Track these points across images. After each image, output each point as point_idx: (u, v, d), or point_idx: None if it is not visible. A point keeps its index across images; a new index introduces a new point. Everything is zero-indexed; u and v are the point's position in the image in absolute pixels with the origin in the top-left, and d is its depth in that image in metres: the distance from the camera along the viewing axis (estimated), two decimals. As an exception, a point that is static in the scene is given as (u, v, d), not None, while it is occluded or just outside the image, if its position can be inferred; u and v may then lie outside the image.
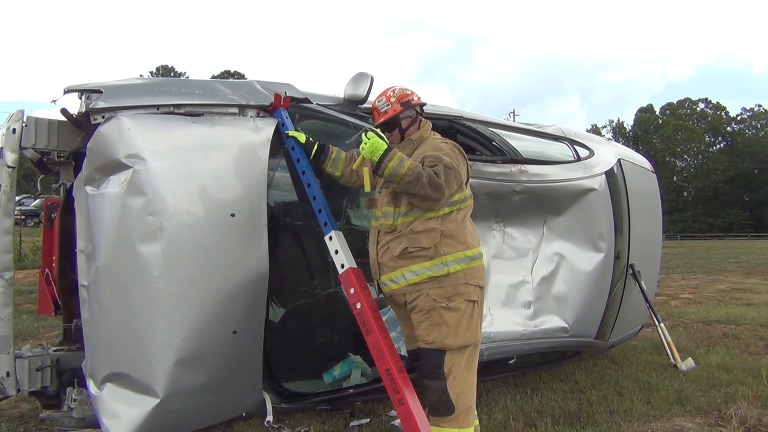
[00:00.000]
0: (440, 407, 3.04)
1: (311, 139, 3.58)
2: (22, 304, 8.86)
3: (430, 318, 3.10)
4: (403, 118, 3.38)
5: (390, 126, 3.41)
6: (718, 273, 16.60)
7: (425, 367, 3.11)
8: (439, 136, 3.44)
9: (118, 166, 3.28)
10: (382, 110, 3.41)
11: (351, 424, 4.01)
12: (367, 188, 3.30)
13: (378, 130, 3.43)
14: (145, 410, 3.24)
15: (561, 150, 5.52)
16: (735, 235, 55.46)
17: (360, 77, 4.15)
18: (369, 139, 3.13)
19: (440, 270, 3.10)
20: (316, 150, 3.55)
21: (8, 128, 3.52)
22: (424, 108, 3.51)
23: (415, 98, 3.44)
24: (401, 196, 3.17)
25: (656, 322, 5.93)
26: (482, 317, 3.32)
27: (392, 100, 3.39)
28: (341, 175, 3.60)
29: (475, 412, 3.32)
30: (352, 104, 4.17)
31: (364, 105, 4.17)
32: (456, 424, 3.05)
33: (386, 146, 3.11)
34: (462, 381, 3.10)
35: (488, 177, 4.48)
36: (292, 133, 3.57)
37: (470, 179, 4.30)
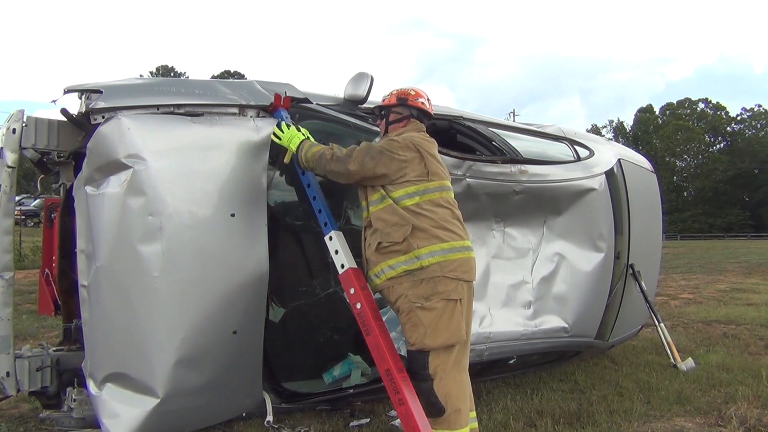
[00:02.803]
0: (430, 409, 3.03)
1: (312, 140, 3.58)
2: (22, 304, 8.86)
3: (410, 319, 3.12)
4: (393, 112, 3.51)
5: (380, 114, 3.59)
6: (718, 273, 16.59)
7: (411, 369, 3.12)
8: (419, 134, 3.41)
9: (118, 166, 3.27)
10: (382, 99, 3.60)
11: (351, 424, 4.01)
12: (287, 161, 3.56)
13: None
14: (145, 410, 3.24)
15: (561, 150, 5.52)
16: (735, 235, 55.42)
17: (360, 77, 4.15)
18: (286, 129, 3.47)
19: (413, 264, 3.11)
20: None
21: (8, 128, 3.52)
22: (426, 115, 3.53)
23: (418, 101, 3.50)
24: (365, 189, 3.31)
25: (656, 322, 5.93)
26: (471, 315, 3.29)
27: (394, 92, 3.55)
28: None
29: (474, 415, 3.32)
30: (352, 104, 4.17)
31: (364, 105, 4.18)
32: (447, 426, 3.04)
33: (302, 138, 3.45)
34: (450, 382, 3.09)
35: (488, 177, 4.48)
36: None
37: (470, 179, 4.35)
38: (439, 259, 3.12)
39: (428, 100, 3.58)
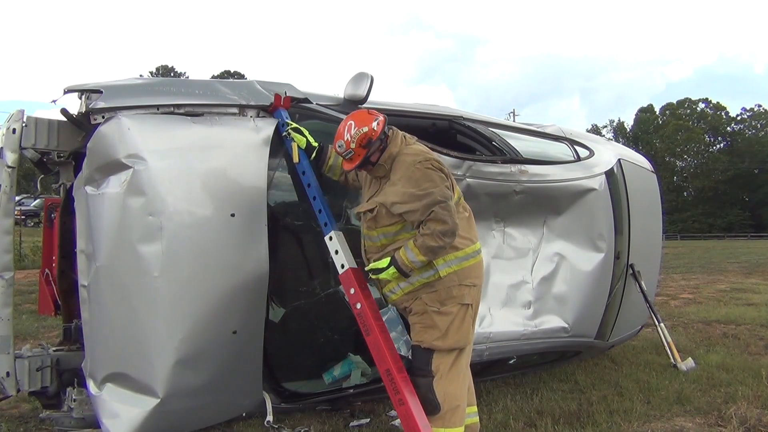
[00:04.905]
0: (426, 405, 3.05)
1: (312, 140, 3.58)
2: (22, 304, 8.86)
3: (422, 321, 3.13)
4: (371, 154, 3.21)
5: (361, 166, 3.28)
6: (718, 273, 16.59)
7: (414, 363, 3.15)
8: (403, 138, 3.27)
9: (118, 166, 3.28)
10: (346, 157, 3.25)
11: (351, 424, 4.01)
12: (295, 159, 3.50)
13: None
14: (145, 410, 3.24)
15: (561, 150, 5.51)
16: (735, 235, 55.37)
17: (360, 77, 4.16)
18: (380, 272, 3.14)
19: (432, 276, 3.11)
20: (316, 151, 3.57)
21: (8, 128, 3.53)
22: (386, 126, 3.26)
23: (375, 128, 3.18)
24: (382, 218, 3.15)
25: (656, 322, 5.93)
26: (476, 318, 3.31)
27: (352, 146, 3.19)
28: (339, 178, 3.64)
29: (476, 409, 3.35)
30: (352, 104, 4.16)
31: (364, 105, 4.18)
32: (442, 423, 3.06)
33: (387, 264, 3.11)
34: (449, 381, 3.11)
35: (488, 177, 4.48)
36: (294, 133, 3.55)
37: (470, 179, 4.35)
38: (455, 268, 3.13)
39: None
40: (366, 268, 3.25)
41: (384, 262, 3.14)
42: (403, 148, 3.24)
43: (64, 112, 3.60)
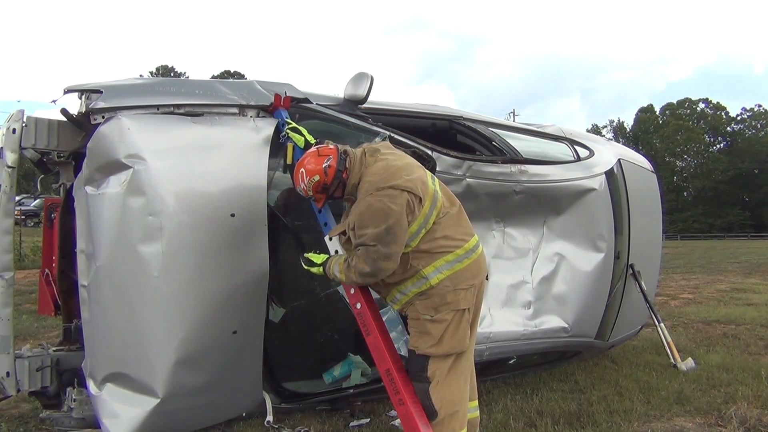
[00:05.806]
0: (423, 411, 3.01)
1: (311, 139, 3.57)
2: (22, 304, 8.87)
3: (416, 327, 3.09)
4: (332, 193, 3.16)
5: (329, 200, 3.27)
6: (718, 273, 16.58)
7: (410, 368, 3.11)
8: (362, 160, 3.12)
9: (118, 166, 3.28)
10: (310, 199, 3.25)
11: (351, 424, 4.01)
12: (289, 161, 3.49)
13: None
14: (145, 410, 3.25)
15: (561, 150, 5.52)
16: (735, 235, 55.37)
17: (360, 77, 4.16)
18: (312, 265, 3.23)
19: (423, 285, 3.02)
20: None
21: (8, 128, 3.53)
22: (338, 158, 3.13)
23: (327, 172, 3.07)
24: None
25: (656, 322, 5.93)
26: (478, 317, 3.26)
27: (310, 193, 3.15)
28: None
29: (476, 404, 3.34)
30: (352, 104, 4.17)
31: (364, 105, 4.18)
32: (440, 429, 3.01)
33: (321, 261, 3.20)
34: (447, 387, 3.06)
35: (488, 177, 4.48)
36: (292, 133, 3.55)
37: (470, 179, 4.35)
38: (447, 273, 3.03)
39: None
40: (303, 255, 3.28)
41: (319, 258, 3.20)
42: (364, 173, 3.08)
43: (64, 112, 3.61)
